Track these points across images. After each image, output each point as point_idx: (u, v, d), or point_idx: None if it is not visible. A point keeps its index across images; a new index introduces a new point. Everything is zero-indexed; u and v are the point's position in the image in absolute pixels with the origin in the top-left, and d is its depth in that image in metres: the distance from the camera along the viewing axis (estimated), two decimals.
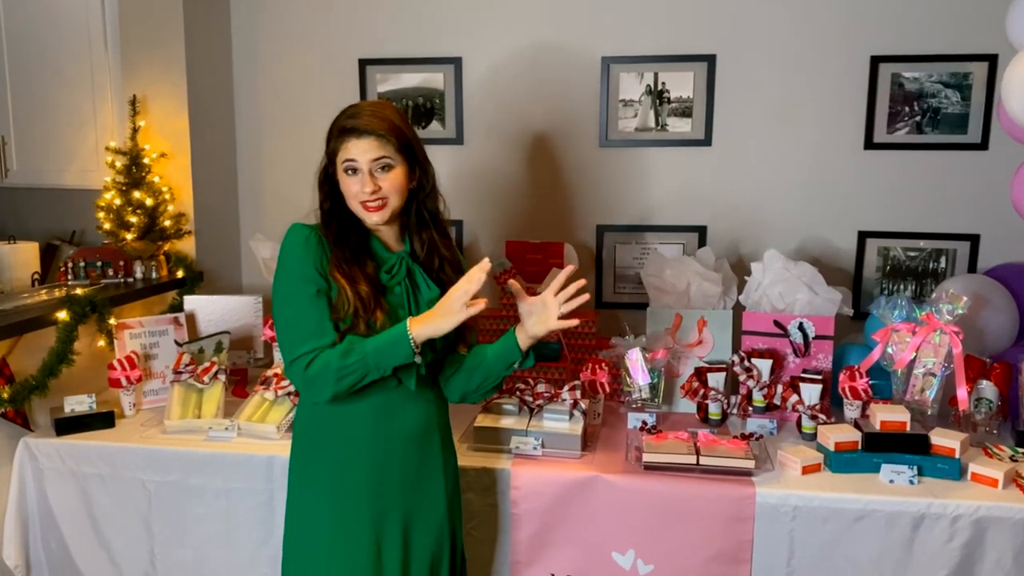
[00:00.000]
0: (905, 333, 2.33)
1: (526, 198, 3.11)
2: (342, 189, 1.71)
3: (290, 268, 1.69)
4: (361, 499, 1.73)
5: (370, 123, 1.66)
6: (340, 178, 1.71)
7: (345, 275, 1.66)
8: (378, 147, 1.66)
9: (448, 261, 1.80)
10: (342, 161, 1.69)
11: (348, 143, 1.67)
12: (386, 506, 1.74)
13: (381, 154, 1.66)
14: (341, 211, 1.74)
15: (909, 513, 1.97)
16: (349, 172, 1.68)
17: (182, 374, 2.40)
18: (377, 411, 1.72)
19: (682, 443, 2.16)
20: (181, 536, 2.27)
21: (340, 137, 1.68)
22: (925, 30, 2.80)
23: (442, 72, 3.09)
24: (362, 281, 1.67)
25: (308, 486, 1.77)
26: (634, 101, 2.99)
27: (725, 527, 2.03)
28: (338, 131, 1.69)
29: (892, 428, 2.13)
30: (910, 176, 2.88)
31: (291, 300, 1.68)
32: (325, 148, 1.73)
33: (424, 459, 1.79)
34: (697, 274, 2.52)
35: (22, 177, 3.16)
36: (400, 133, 1.69)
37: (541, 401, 2.27)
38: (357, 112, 1.69)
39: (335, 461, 1.73)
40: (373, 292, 1.67)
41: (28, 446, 2.30)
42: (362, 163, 1.67)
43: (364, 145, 1.66)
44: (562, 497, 2.09)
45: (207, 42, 3.07)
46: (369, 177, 1.66)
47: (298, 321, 1.67)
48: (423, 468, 1.79)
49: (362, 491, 1.73)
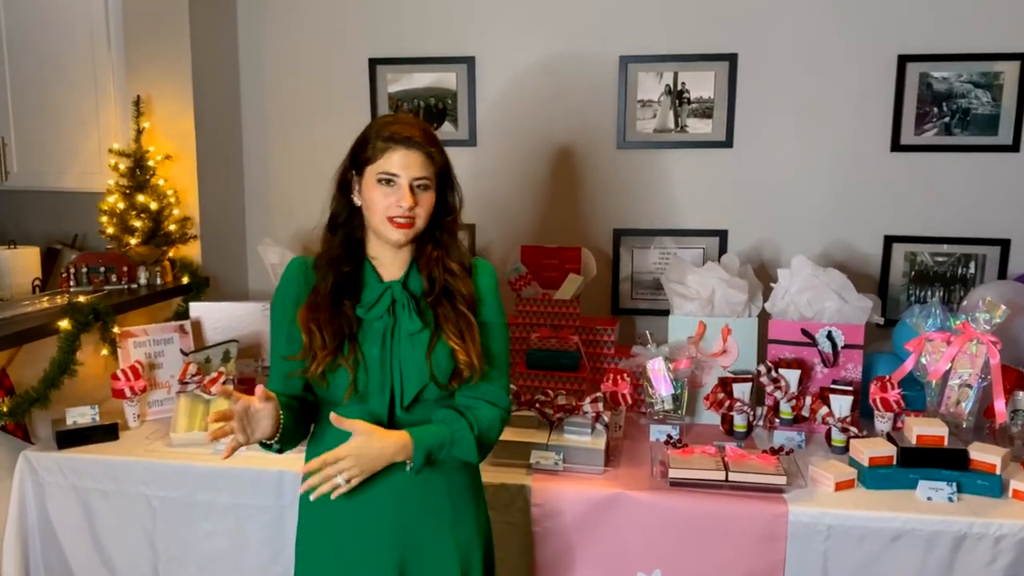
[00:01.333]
0: (940, 343, 2.24)
1: (541, 201, 3.02)
2: (367, 201, 1.57)
3: (274, 309, 1.68)
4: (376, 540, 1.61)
5: (421, 136, 1.55)
6: (366, 188, 1.57)
7: (311, 320, 1.56)
8: (425, 165, 1.55)
9: (460, 294, 1.62)
10: (379, 171, 1.55)
11: (394, 154, 1.54)
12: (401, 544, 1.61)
13: (425, 174, 1.55)
14: (348, 230, 1.63)
15: (949, 533, 1.88)
16: (383, 183, 1.55)
17: (188, 384, 2.32)
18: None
19: (709, 458, 2.08)
20: (187, 554, 2.19)
21: (385, 144, 1.55)
22: (954, 28, 2.72)
23: (455, 72, 3.00)
24: (327, 327, 1.55)
25: (317, 524, 1.66)
26: (653, 102, 2.90)
27: (756, 547, 1.95)
28: (385, 138, 1.55)
29: (929, 442, 2.04)
30: (938, 179, 2.80)
31: (272, 337, 1.68)
32: (353, 156, 1.60)
33: (425, 514, 1.62)
34: (722, 281, 2.43)
35: (22, 179, 3.07)
36: (444, 156, 1.60)
37: (562, 414, 2.18)
38: (404, 121, 1.58)
39: (341, 503, 1.58)
40: (336, 337, 1.55)
41: (28, 460, 2.22)
42: (404, 177, 1.54)
43: (412, 159, 1.54)
44: (585, 515, 2.01)
45: (213, 41, 2.98)
46: (409, 192, 1.55)
47: (272, 359, 1.69)
48: (426, 524, 1.62)
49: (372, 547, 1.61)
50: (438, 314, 1.60)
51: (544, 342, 2.57)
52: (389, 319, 1.59)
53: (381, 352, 1.56)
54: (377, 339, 1.58)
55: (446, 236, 1.65)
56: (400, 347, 1.58)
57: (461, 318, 1.60)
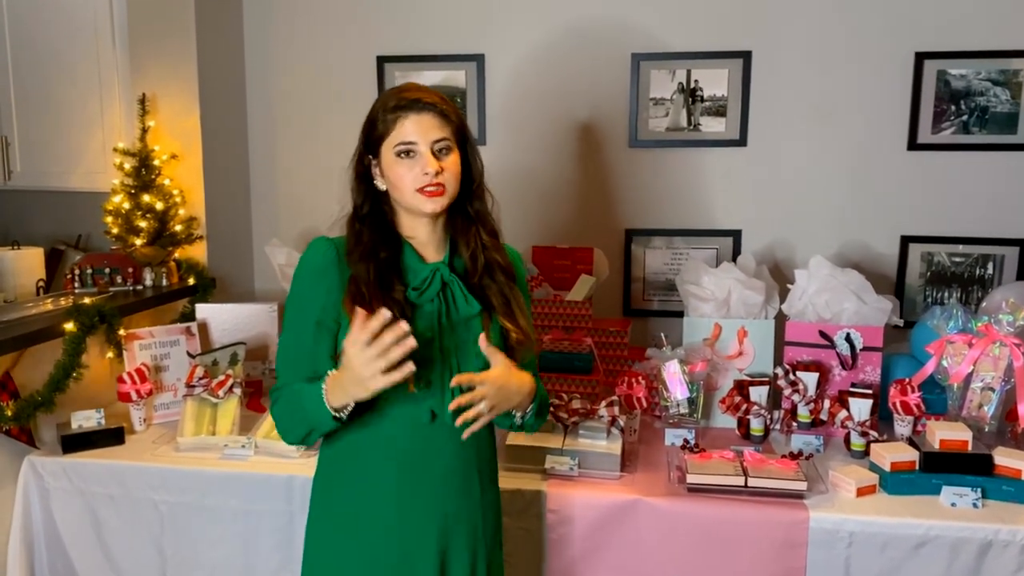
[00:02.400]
0: (961, 345, 2.20)
1: (551, 201, 2.98)
2: (392, 178, 1.50)
3: (295, 291, 1.55)
4: (390, 548, 1.54)
5: (430, 98, 1.48)
6: (389, 166, 1.49)
7: (362, 305, 1.43)
8: (440, 125, 1.48)
9: (499, 264, 1.57)
10: (395, 144, 1.47)
11: (405, 121, 1.46)
12: (416, 551, 1.55)
13: (443, 135, 1.48)
14: (377, 216, 1.55)
15: (975, 540, 1.84)
16: (403, 156, 1.48)
17: (195, 388, 2.28)
18: (404, 453, 1.51)
19: (728, 463, 2.03)
20: (195, 560, 2.15)
21: (395, 115, 1.47)
22: (972, 25, 2.67)
23: (464, 70, 2.96)
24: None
25: (329, 532, 1.58)
26: (665, 100, 2.86)
27: (776, 554, 1.91)
28: (392, 108, 1.48)
29: (953, 447, 2.00)
30: (956, 178, 2.75)
31: (288, 326, 1.55)
32: (365, 139, 1.54)
33: (462, 504, 1.57)
34: (739, 282, 2.39)
35: (26, 179, 3.03)
36: (458, 115, 1.53)
37: (577, 418, 2.14)
38: (409, 88, 1.51)
39: (357, 509, 1.54)
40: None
41: (33, 464, 2.18)
42: (422, 144, 1.46)
43: (427, 122, 1.47)
44: (602, 521, 1.96)
45: (219, 38, 2.94)
46: (431, 156, 1.47)
47: (285, 350, 1.55)
48: (460, 514, 1.57)
49: (391, 541, 1.54)
50: (487, 295, 1.56)
51: (557, 344, 2.53)
52: (440, 303, 1.53)
53: (437, 338, 1.50)
54: (432, 323, 1.51)
55: (476, 204, 1.58)
56: (455, 332, 1.52)
57: (507, 291, 1.56)
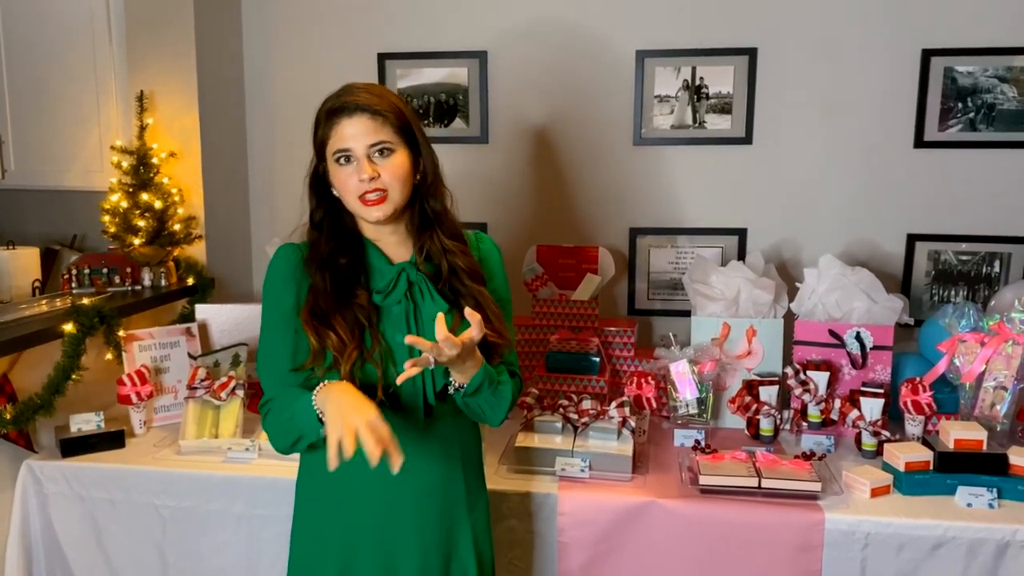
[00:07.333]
0: (973, 343, 2.18)
1: (554, 200, 2.95)
2: (336, 185, 1.48)
3: (266, 299, 1.53)
4: (374, 547, 1.54)
5: (364, 99, 1.44)
6: (333, 173, 1.47)
7: (319, 320, 1.43)
8: (375, 128, 1.43)
9: (462, 269, 1.53)
10: (333, 151, 1.45)
11: (339, 126, 1.44)
12: (398, 551, 1.54)
13: (379, 138, 1.44)
14: (334, 222, 1.53)
15: (992, 540, 1.82)
16: (342, 162, 1.45)
17: (197, 390, 2.23)
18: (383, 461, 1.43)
19: (740, 464, 2.01)
20: (198, 566, 2.11)
21: (329, 121, 1.45)
22: (979, 22, 2.65)
23: (466, 67, 2.92)
24: (340, 324, 1.43)
25: (311, 542, 1.58)
26: (670, 97, 2.83)
27: (791, 556, 1.88)
28: (326, 115, 1.46)
29: (967, 447, 1.98)
30: (963, 176, 2.73)
31: (264, 335, 1.52)
32: (314, 142, 1.51)
33: (446, 508, 1.57)
34: (748, 281, 2.37)
35: (21, 178, 2.97)
36: (398, 112, 1.47)
37: (587, 419, 2.11)
38: (346, 91, 1.47)
39: (339, 517, 1.53)
40: (353, 332, 1.44)
41: (32, 469, 2.14)
42: (357, 148, 1.43)
43: (359, 126, 1.43)
44: (614, 524, 1.93)
45: (217, 35, 2.89)
46: (367, 162, 1.43)
47: (265, 357, 1.52)
48: (444, 518, 1.56)
49: (374, 540, 1.53)
50: (457, 292, 1.52)
51: (564, 344, 2.50)
52: (408, 303, 1.50)
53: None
54: (401, 325, 1.48)
55: (432, 203, 1.53)
56: (425, 331, 1.47)
57: (477, 296, 1.51)
